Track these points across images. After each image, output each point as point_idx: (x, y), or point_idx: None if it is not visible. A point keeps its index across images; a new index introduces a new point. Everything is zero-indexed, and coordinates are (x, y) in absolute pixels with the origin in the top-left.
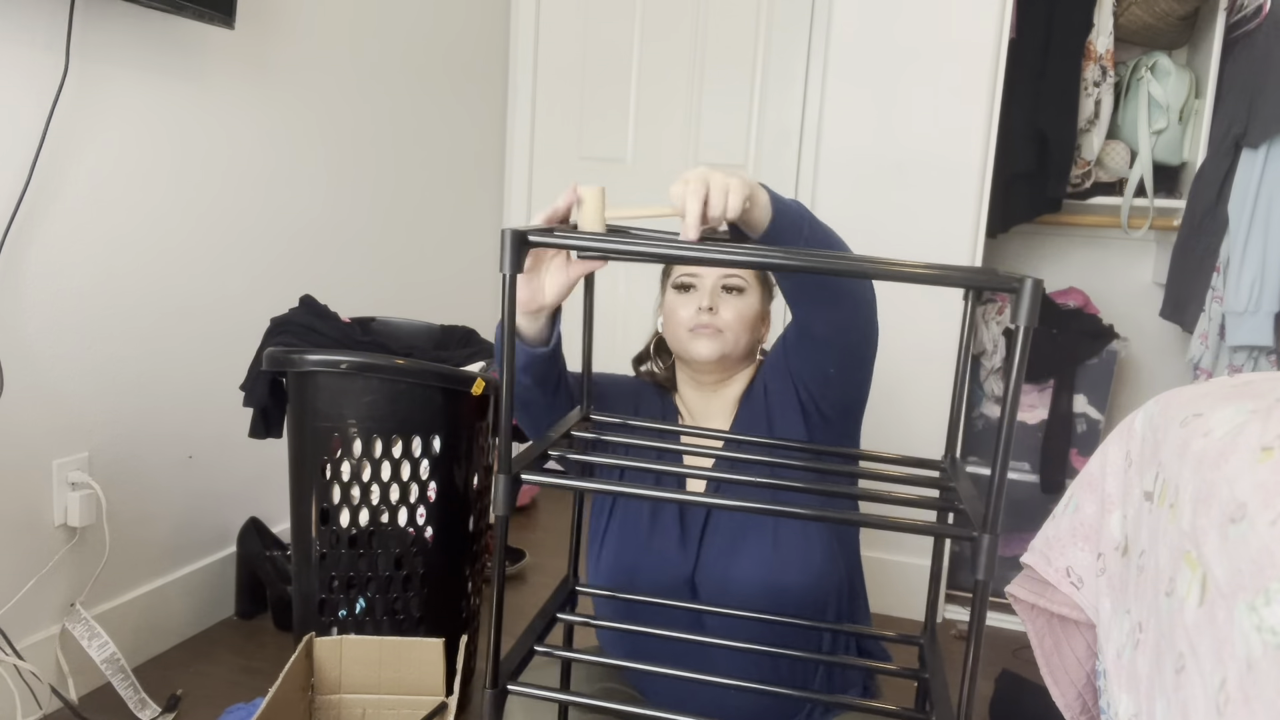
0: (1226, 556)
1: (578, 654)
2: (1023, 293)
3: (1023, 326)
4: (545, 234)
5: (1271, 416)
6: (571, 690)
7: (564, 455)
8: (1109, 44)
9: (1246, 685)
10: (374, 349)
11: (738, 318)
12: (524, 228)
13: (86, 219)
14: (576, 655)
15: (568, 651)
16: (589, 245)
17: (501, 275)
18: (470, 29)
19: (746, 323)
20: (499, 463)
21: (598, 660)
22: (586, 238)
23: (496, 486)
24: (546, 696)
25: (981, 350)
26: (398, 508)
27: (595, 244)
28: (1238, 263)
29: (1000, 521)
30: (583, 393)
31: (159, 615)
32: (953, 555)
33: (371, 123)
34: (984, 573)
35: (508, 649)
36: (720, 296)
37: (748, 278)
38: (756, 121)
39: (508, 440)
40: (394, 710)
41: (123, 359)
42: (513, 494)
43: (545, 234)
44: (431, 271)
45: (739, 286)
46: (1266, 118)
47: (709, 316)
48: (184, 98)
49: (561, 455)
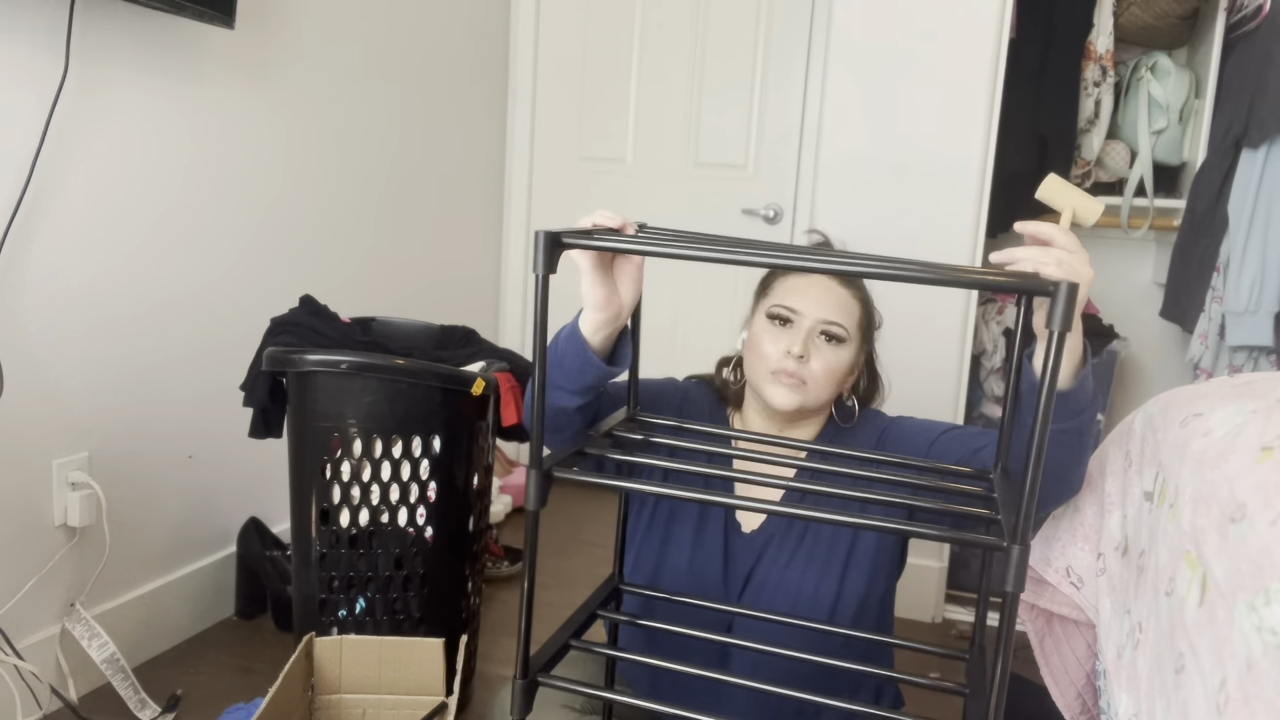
0: (1226, 556)
1: (612, 650)
2: (1058, 296)
3: (1056, 331)
4: (580, 236)
5: (1271, 416)
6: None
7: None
8: (1109, 44)
9: (1246, 685)
10: (374, 349)
11: (826, 371)
12: (558, 229)
13: (86, 219)
14: (609, 651)
15: (610, 649)
16: (622, 248)
17: (534, 276)
18: (470, 29)
19: (835, 377)
20: (530, 458)
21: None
22: (620, 239)
23: (529, 482)
24: (576, 689)
25: (981, 350)
26: (398, 508)
27: (628, 246)
28: (1238, 263)
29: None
30: (629, 392)
31: (159, 615)
32: (953, 556)
33: (372, 122)
34: (1013, 585)
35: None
36: (815, 344)
37: (849, 327)
38: (756, 121)
39: (540, 437)
40: (394, 710)
41: (123, 359)
42: (544, 490)
43: (580, 236)
44: (431, 271)
45: (839, 336)
46: (1266, 118)
47: (796, 365)
48: (184, 98)
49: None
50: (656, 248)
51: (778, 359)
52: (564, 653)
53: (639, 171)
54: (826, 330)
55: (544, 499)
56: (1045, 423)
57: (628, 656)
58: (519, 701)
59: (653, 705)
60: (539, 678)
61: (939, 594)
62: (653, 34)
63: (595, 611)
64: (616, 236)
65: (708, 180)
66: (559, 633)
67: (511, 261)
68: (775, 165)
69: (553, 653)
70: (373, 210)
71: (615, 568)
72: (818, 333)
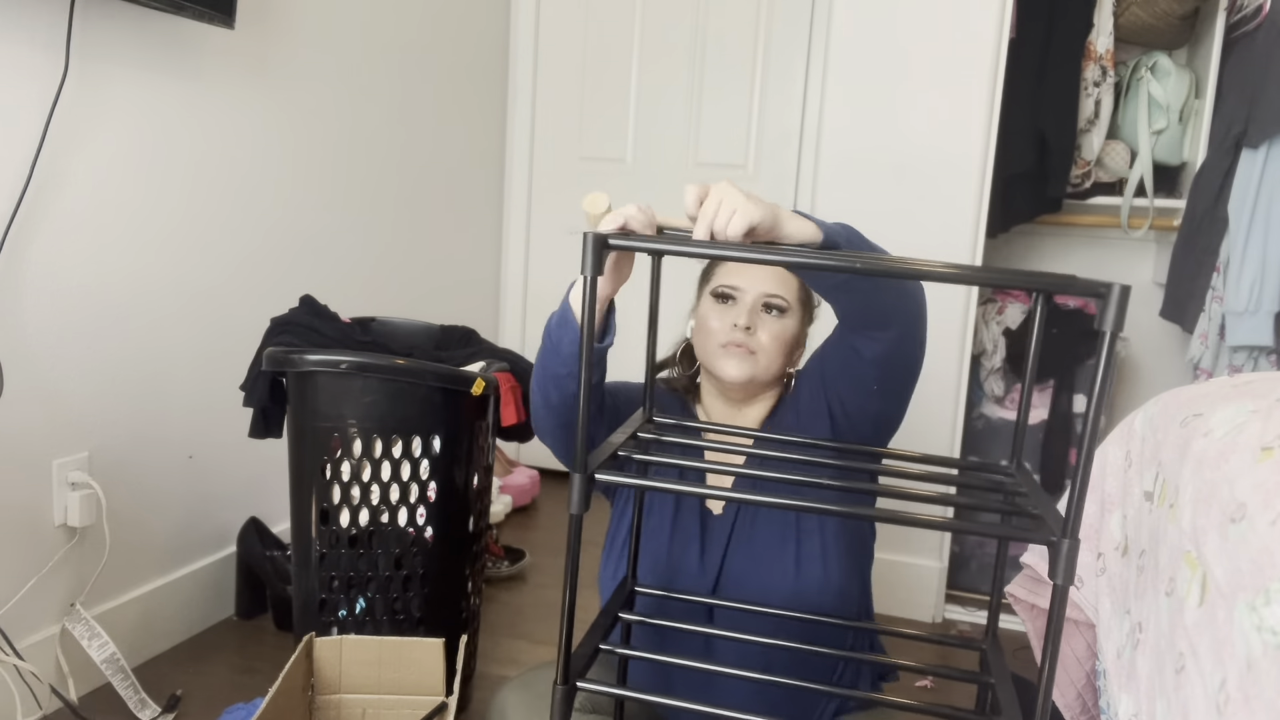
0: (1226, 556)
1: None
2: (1110, 298)
3: (1109, 332)
4: (625, 238)
5: (1271, 416)
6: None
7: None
8: (1109, 44)
9: (1246, 685)
10: (374, 349)
11: (774, 340)
12: (604, 232)
13: (86, 219)
14: (637, 654)
15: (636, 652)
16: (669, 249)
17: (582, 277)
18: (470, 29)
19: (782, 346)
20: (575, 461)
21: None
22: (662, 241)
23: (572, 485)
24: (610, 693)
25: (981, 350)
26: (398, 508)
27: (675, 248)
28: (1238, 263)
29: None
30: (645, 396)
31: (159, 615)
32: (953, 556)
33: (372, 122)
34: (1063, 578)
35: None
36: (759, 316)
37: (790, 299)
38: (756, 121)
39: (585, 438)
40: (394, 710)
41: (123, 359)
42: (587, 492)
43: (625, 238)
44: (431, 271)
45: (781, 306)
46: (1266, 118)
47: (744, 335)
48: (184, 98)
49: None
50: (703, 250)
51: (725, 333)
52: (595, 657)
53: (639, 171)
54: (769, 302)
55: (587, 503)
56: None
57: (644, 656)
58: (559, 708)
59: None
60: (578, 683)
61: (939, 594)
62: (653, 34)
63: (618, 614)
64: (661, 237)
65: (708, 180)
66: (588, 637)
67: (511, 261)
68: (775, 165)
69: (586, 657)
70: (373, 210)
71: (629, 569)
72: (760, 306)
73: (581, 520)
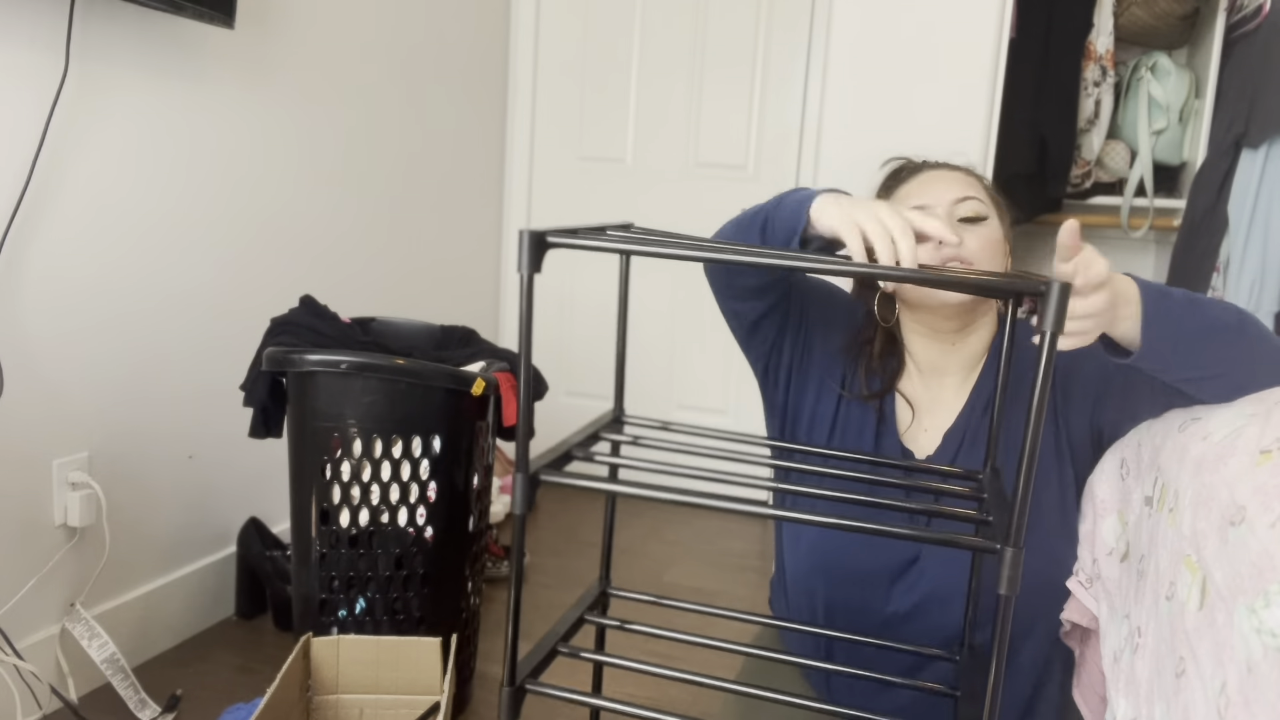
0: (1226, 559)
1: (601, 656)
2: (1050, 296)
3: (1049, 332)
4: (566, 235)
5: (1270, 419)
6: None
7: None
8: (1109, 44)
9: (1247, 688)
10: (374, 349)
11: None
12: (542, 229)
13: (86, 219)
14: (597, 657)
15: (598, 655)
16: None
17: (519, 275)
18: (470, 29)
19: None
20: (517, 462)
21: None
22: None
23: (516, 486)
24: (564, 697)
25: None
26: (398, 508)
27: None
28: (1238, 263)
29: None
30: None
31: (159, 615)
32: None
33: (371, 122)
34: (1007, 587)
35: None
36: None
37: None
38: (756, 121)
39: (525, 435)
40: (392, 710)
41: (123, 359)
42: (530, 494)
43: (566, 235)
44: (431, 272)
45: (979, 215)
46: (1266, 118)
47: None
48: (184, 98)
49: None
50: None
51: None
52: (552, 658)
53: (639, 171)
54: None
55: (530, 503)
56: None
57: (609, 660)
58: (507, 708)
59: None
60: (527, 685)
61: None
62: (653, 34)
63: (583, 616)
64: (604, 236)
65: (708, 180)
66: (545, 639)
67: (511, 261)
68: (775, 165)
69: (540, 659)
70: (373, 210)
71: (602, 570)
72: (957, 217)
73: (524, 521)
